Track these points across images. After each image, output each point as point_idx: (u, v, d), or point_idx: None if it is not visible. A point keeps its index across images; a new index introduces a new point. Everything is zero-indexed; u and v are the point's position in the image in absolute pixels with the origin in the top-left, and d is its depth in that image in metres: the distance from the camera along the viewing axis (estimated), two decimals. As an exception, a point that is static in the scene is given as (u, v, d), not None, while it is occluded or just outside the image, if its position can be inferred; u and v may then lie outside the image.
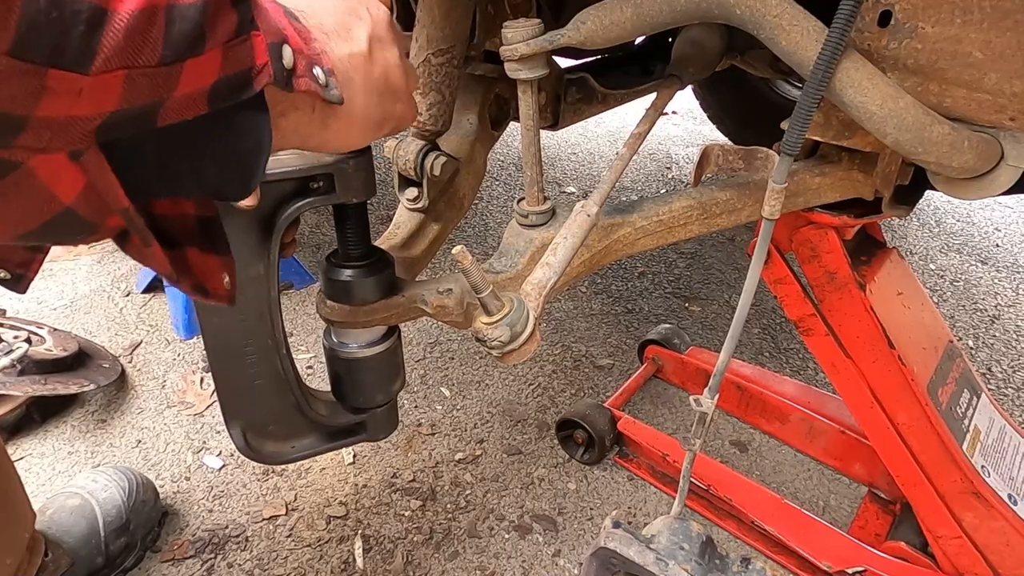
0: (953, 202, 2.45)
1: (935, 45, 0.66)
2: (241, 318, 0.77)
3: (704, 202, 0.86)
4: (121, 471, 1.19)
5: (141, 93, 0.37)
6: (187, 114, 0.41)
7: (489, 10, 0.91)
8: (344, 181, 0.71)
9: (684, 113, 3.25)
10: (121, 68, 0.35)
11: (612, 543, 0.89)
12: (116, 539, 1.11)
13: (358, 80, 0.53)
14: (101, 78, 0.34)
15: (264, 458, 0.88)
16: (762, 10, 0.66)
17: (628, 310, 1.86)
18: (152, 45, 0.36)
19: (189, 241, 0.56)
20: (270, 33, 0.43)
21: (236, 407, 0.84)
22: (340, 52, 0.51)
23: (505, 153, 2.79)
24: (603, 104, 1.12)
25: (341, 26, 0.52)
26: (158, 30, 0.36)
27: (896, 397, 0.97)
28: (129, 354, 1.64)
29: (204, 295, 0.57)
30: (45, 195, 0.40)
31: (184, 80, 0.39)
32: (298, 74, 0.46)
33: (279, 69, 0.44)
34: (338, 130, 0.55)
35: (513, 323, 0.65)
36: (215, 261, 0.58)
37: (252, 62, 0.42)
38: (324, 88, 0.48)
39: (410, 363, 1.63)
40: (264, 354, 0.80)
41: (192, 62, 0.38)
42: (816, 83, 0.63)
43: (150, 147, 0.45)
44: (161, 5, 0.36)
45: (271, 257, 0.74)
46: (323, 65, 0.48)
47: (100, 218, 0.44)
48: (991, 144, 0.69)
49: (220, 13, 0.39)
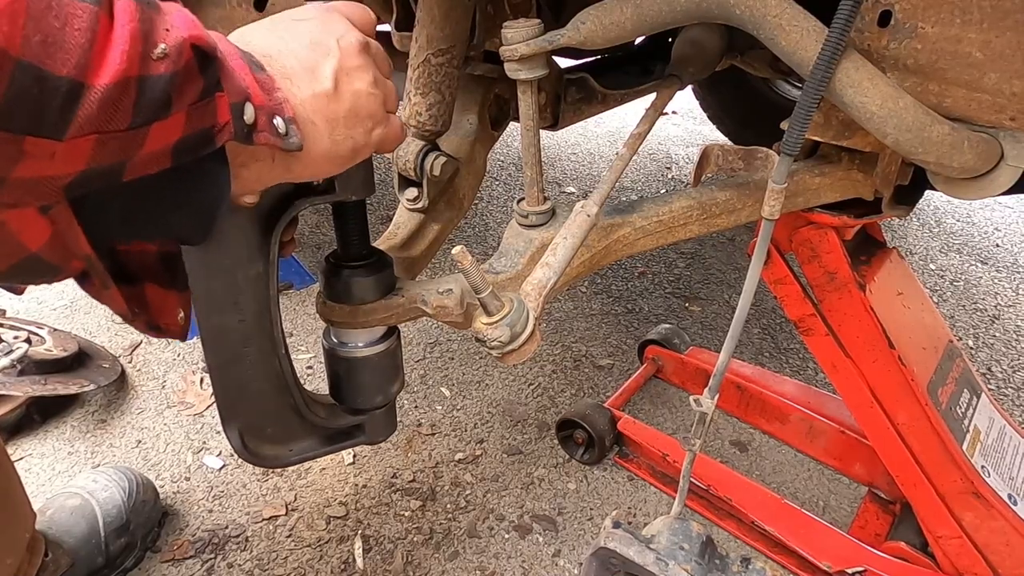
0: (953, 202, 2.45)
1: (935, 45, 0.66)
2: (240, 318, 0.76)
3: (704, 202, 0.86)
4: (121, 471, 1.19)
5: (109, 154, 0.39)
6: (151, 169, 0.43)
7: (489, 10, 0.91)
8: (344, 179, 0.71)
9: (684, 113, 3.25)
10: (92, 133, 0.37)
11: (612, 543, 0.89)
12: (116, 539, 1.11)
13: (320, 122, 0.53)
14: (73, 142, 0.37)
15: (262, 461, 0.88)
16: (762, 10, 0.66)
17: (628, 310, 1.86)
18: (123, 113, 0.38)
19: (149, 277, 0.59)
20: (233, 93, 0.45)
21: (234, 409, 0.83)
22: (303, 95, 0.52)
23: (505, 153, 2.79)
24: (603, 104, 1.12)
25: (307, 65, 0.53)
26: (129, 99, 0.38)
27: (896, 397, 0.97)
28: (129, 354, 1.64)
29: (158, 333, 0.60)
30: (14, 243, 0.43)
31: (150, 140, 0.41)
32: (258, 129, 0.47)
33: (240, 126, 0.46)
34: (302, 171, 0.56)
35: (513, 323, 0.65)
36: (173, 297, 0.61)
37: (215, 121, 0.44)
38: (284, 138, 0.49)
39: (410, 363, 1.63)
40: (262, 355, 0.80)
41: (158, 124, 0.41)
42: (816, 83, 0.63)
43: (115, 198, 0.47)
44: (134, 76, 0.38)
45: (271, 256, 0.74)
46: (284, 114, 0.50)
47: (64, 262, 0.47)
48: (991, 144, 0.69)
49: (188, 81, 0.41)
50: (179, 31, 0.40)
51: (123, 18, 0.37)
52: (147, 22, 0.39)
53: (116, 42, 0.37)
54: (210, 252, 0.72)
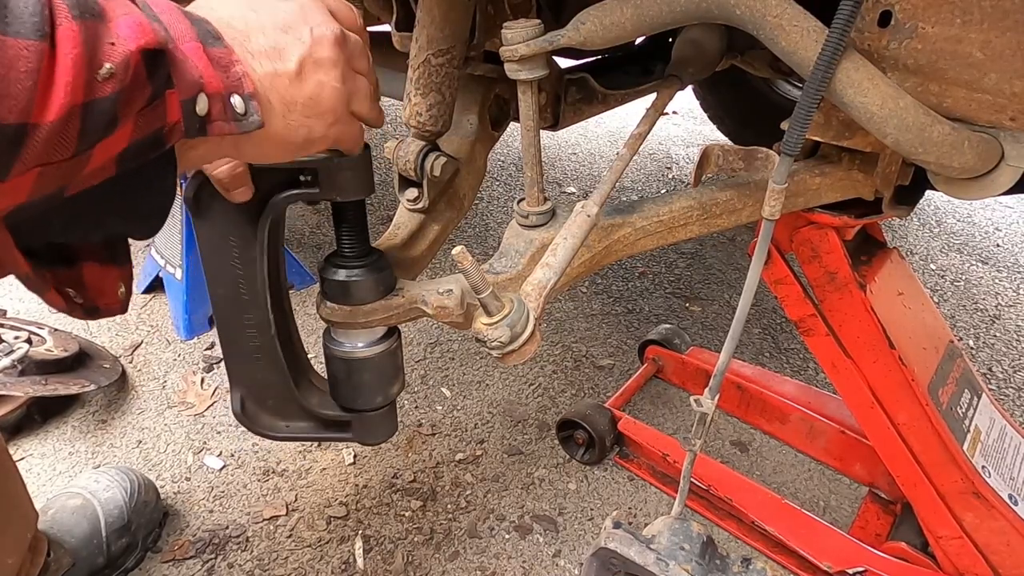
0: (954, 202, 2.45)
1: (935, 45, 0.66)
2: (242, 291, 0.79)
3: (704, 202, 0.86)
4: (123, 471, 1.19)
5: (51, 182, 0.38)
6: (94, 182, 0.41)
7: (489, 10, 0.91)
8: (327, 178, 0.71)
9: (684, 113, 3.25)
10: (35, 167, 0.36)
11: (612, 543, 0.89)
12: (118, 539, 1.11)
13: (276, 102, 0.52)
14: (16, 180, 0.36)
15: (255, 428, 0.89)
16: (762, 10, 0.66)
17: (629, 310, 1.86)
18: (67, 143, 0.37)
19: (89, 256, 0.57)
20: (185, 88, 0.43)
21: (237, 373, 0.85)
22: (263, 71, 0.51)
23: (505, 154, 2.79)
24: (603, 104, 1.12)
25: (272, 46, 0.52)
26: (74, 129, 0.37)
27: (896, 397, 0.97)
28: (130, 355, 1.64)
29: (96, 315, 0.58)
30: None
31: (94, 159, 0.40)
32: (212, 119, 0.46)
33: (191, 122, 0.44)
34: (251, 150, 0.55)
35: (513, 323, 0.65)
36: (113, 273, 0.59)
37: (164, 121, 0.42)
38: (242, 118, 0.48)
39: (411, 363, 1.64)
40: (260, 331, 0.82)
41: (104, 142, 0.39)
42: (816, 83, 0.63)
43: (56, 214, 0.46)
44: (79, 103, 0.37)
45: (260, 242, 0.75)
46: (243, 91, 0.48)
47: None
48: (991, 144, 0.69)
49: (135, 90, 0.40)
50: (125, 43, 0.39)
51: (66, 46, 0.36)
52: (90, 43, 0.37)
53: (60, 74, 0.36)
54: (205, 228, 0.75)
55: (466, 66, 0.97)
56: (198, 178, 0.71)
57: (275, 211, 0.74)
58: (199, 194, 0.72)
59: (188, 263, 1.66)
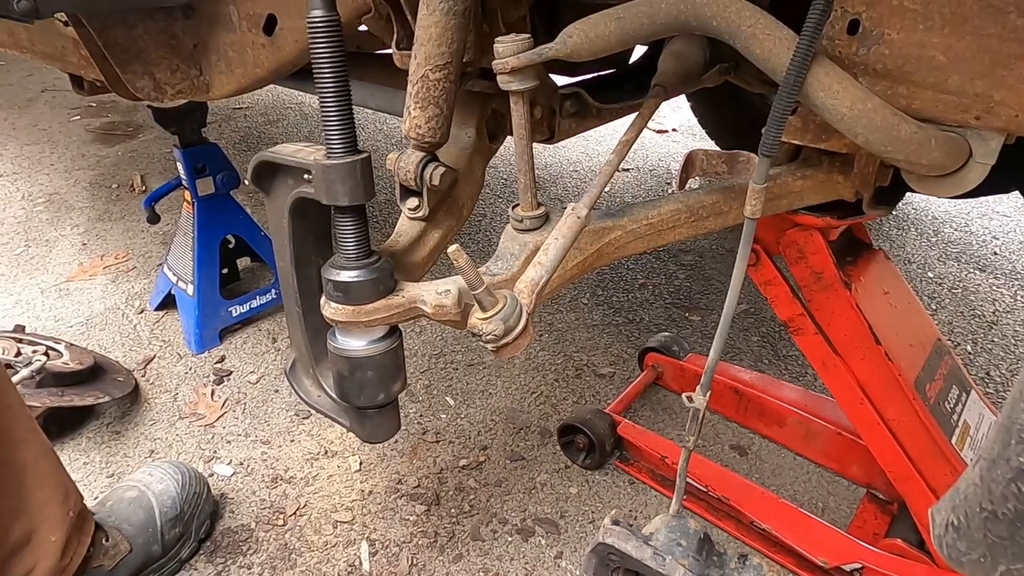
0: (951, 212, 2.48)
1: (901, 50, 0.70)
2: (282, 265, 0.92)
3: (691, 205, 0.89)
4: (175, 465, 1.25)
5: None
6: None
7: (485, 28, 0.96)
8: (316, 180, 0.78)
9: (684, 130, 3.31)
10: None
11: (610, 538, 0.91)
12: (171, 529, 1.17)
13: None
14: None
15: (297, 388, 0.99)
16: (736, 21, 0.70)
17: (629, 320, 1.89)
18: None
19: None
20: None
21: (291, 336, 0.97)
22: None
23: (508, 172, 2.84)
24: (598, 118, 1.16)
25: None
26: None
27: (884, 392, 0.99)
28: (143, 368, 1.69)
29: None
30: None
31: None
32: None
33: None
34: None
35: (507, 318, 0.69)
36: None
37: None
38: None
39: (415, 374, 1.67)
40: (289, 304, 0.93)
41: None
42: (788, 87, 0.67)
43: None
44: None
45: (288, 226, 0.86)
46: None
47: None
48: (958, 142, 0.72)
49: None
50: None
51: None
52: None
53: None
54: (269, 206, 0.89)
55: (464, 82, 1.02)
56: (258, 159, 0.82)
57: (292, 202, 0.83)
58: (261, 175, 0.84)
59: (199, 280, 1.71)
